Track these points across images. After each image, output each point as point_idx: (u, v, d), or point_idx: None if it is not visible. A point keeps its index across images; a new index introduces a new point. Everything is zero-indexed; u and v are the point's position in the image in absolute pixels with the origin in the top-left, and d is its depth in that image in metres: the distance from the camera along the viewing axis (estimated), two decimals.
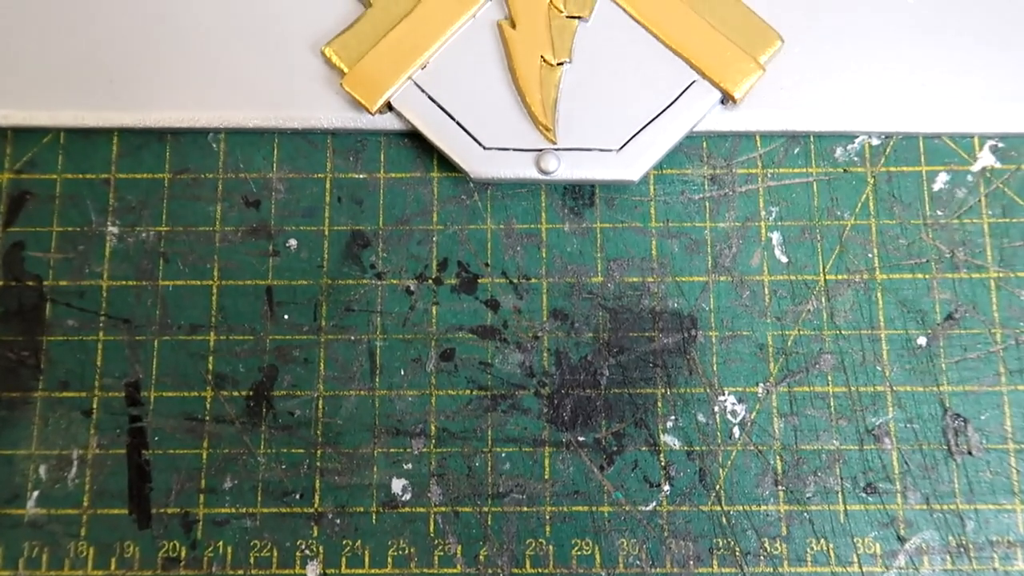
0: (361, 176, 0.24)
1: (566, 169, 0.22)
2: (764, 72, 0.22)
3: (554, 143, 0.22)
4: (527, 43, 0.22)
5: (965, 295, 0.23)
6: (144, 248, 0.23)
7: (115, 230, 0.23)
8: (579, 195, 0.23)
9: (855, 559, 0.21)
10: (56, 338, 0.23)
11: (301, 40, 0.23)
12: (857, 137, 0.23)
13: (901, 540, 0.21)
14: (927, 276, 0.23)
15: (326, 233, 0.23)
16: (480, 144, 0.22)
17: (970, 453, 0.22)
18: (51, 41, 0.23)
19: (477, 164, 0.22)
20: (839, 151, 0.23)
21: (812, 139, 0.23)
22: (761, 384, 0.22)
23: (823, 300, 0.23)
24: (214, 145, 0.24)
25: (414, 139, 0.23)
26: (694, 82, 0.22)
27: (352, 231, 0.23)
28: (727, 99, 0.22)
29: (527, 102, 0.22)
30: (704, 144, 0.23)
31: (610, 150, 0.22)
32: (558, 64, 0.22)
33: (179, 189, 0.23)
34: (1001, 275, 0.23)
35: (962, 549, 0.21)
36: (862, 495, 0.22)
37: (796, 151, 0.23)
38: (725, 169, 0.23)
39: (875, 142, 0.23)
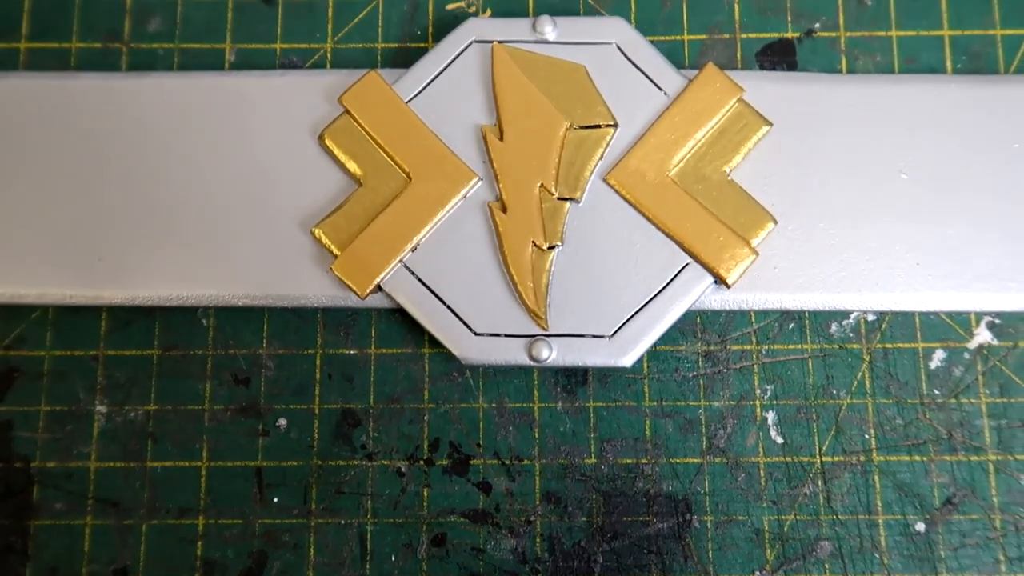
0: (352, 352, 0.23)
1: (558, 356, 0.22)
2: (757, 256, 0.22)
3: (546, 329, 0.22)
4: (518, 227, 0.22)
5: (963, 479, 0.22)
6: (132, 428, 0.23)
7: (103, 409, 0.23)
8: (572, 373, 0.23)
9: None
10: (43, 522, 0.23)
11: (291, 218, 0.23)
12: (852, 313, 0.23)
13: None
14: (924, 458, 0.22)
15: (316, 412, 0.23)
16: (471, 329, 0.22)
17: None
18: (39, 219, 0.23)
19: (468, 349, 0.22)
20: (834, 327, 0.23)
21: (807, 315, 0.23)
22: (757, 572, 0.22)
23: (820, 483, 0.22)
24: (203, 321, 0.23)
25: (405, 314, 0.23)
26: (687, 265, 0.22)
27: (343, 409, 0.23)
28: (719, 281, 0.22)
29: (518, 289, 0.22)
30: (698, 320, 0.23)
31: (603, 336, 0.22)
32: (549, 248, 0.22)
33: (168, 366, 0.23)
34: (1000, 458, 0.22)
35: None
36: None
37: (791, 326, 0.23)
38: (719, 345, 0.23)
39: (871, 318, 0.23)
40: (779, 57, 0.24)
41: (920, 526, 0.22)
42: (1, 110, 0.24)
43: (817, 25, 0.24)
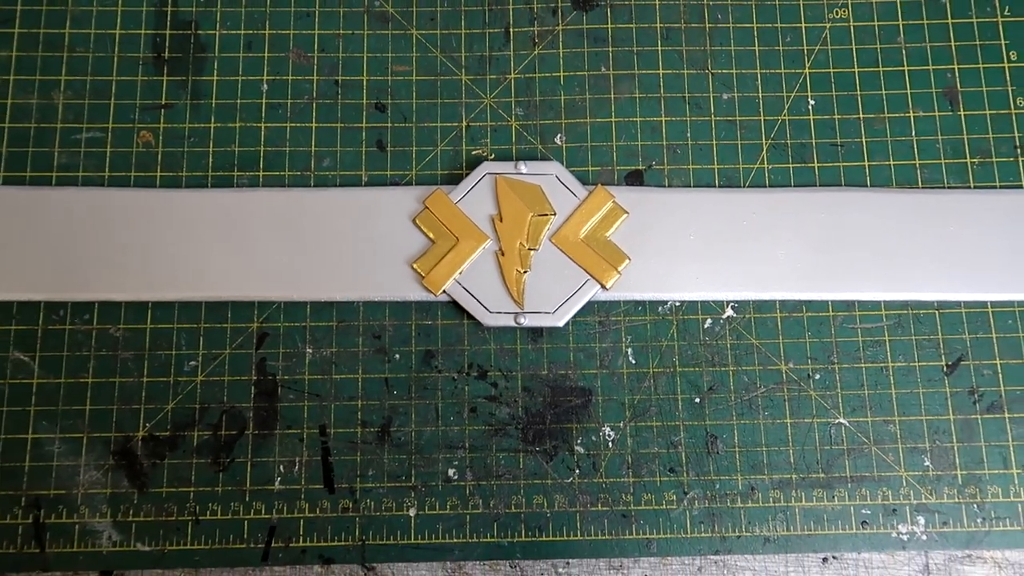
0: (429, 323, 0.48)
1: (528, 322, 0.47)
2: (620, 275, 0.47)
3: (523, 309, 0.47)
4: (510, 262, 0.47)
5: (718, 378, 0.47)
6: (324, 360, 0.47)
7: (310, 350, 0.48)
8: (535, 330, 0.48)
9: (664, 504, 0.46)
10: (284, 404, 0.47)
11: (401, 258, 0.48)
12: (668, 302, 0.48)
13: (685, 494, 0.46)
14: (699, 369, 0.47)
15: (413, 350, 0.48)
16: (487, 309, 0.47)
17: (718, 453, 0.46)
18: (280, 257, 0.47)
19: (486, 319, 0.47)
20: (660, 308, 0.48)
21: (647, 303, 0.48)
22: (622, 422, 0.47)
23: (652, 381, 0.47)
24: (356, 307, 0.48)
25: (456, 304, 0.48)
26: (587, 280, 0.47)
27: (426, 350, 0.48)
28: (603, 287, 0.47)
29: (510, 291, 0.47)
30: (595, 305, 0.48)
31: (549, 312, 0.47)
32: (525, 272, 0.47)
33: (340, 330, 0.48)
34: (735, 369, 0.47)
35: (715, 498, 0.46)
36: (668, 474, 0.46)
37: (639, 308, 0.48)
38: (604, 317, 0.48)
39: (678, 303, 0.48)
40: (635, 179, 0.50)
41: (697, 399, 0.47)
42: (253, 208, 0.49)
43: (654, 162, 0.50)
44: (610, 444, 0.47)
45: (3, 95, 0.50)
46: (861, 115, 0.50)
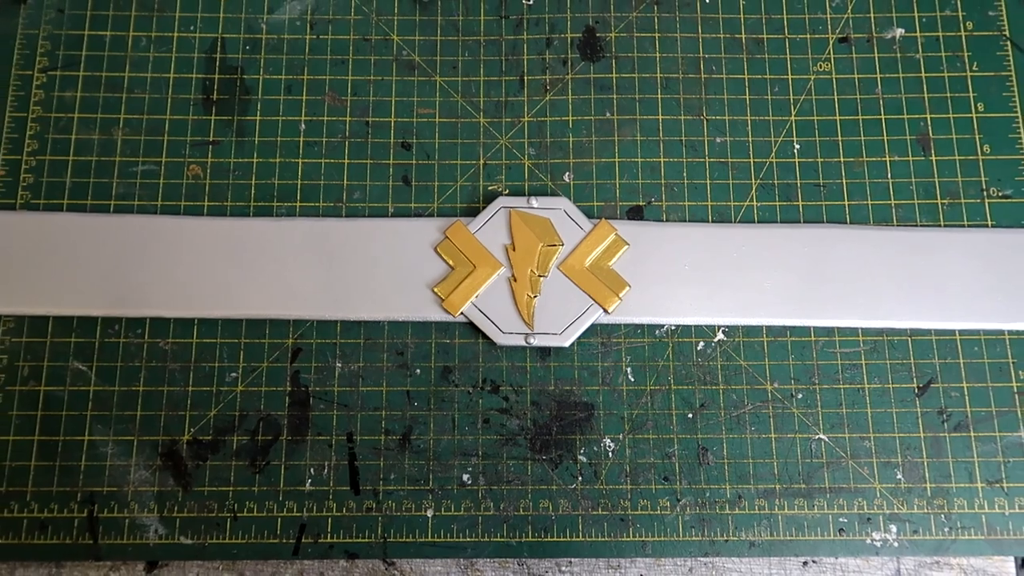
0: (447, 341, 0.53)
1: (537, 342, 0.52)
2: (621, 300, 0.52)
3: (532, 330, 0.52)
4: (521, 287, 0.52)
5: (709, 396, 0.52)
6: (352, 373, 0.52)
7: (339, 364, 0.52)
8: (545, 350, 0.53)
9: (659, 510, 0.50)
10: (315, 413, 0.52)
11: (423, 282, 0.53)
12: (665, 325, 0.53)
13: (677, 500, 0.50)
14: (692, 387, 0.52)
15: (432, 366, 0.53)
16: (500, 330, 0.52)
17: (709, 464, 0.51)
18: (312, 278, 0.53)
19: (499, 339, 0.52)
20: (658, 331, 0.53)
21: (645, 326, 0.53)
22: (621, 434, 0.51)
23: (649, 398, 0.52)
24: (381, 326, 0.53)
25: (472, 325, 0.53)
26: (591, 305, 0.52)
27: (444, 366, 0.53)
28: (605, 311, 0.52)
29: (521, 314, 0.52)
30: (598, 327, 0.53)
31: (556, 333, 0.52)
32: (534, 297, 0.52)
33: (367, 346, 0.53)
34: (725, 388, 0.52)
35: (705, 504, 0.50)
36: (663, 482, 0.51)
37: (638, 331, 0.53)
38: (606, 338, 0.53)
39: (673, 327, 0.53)
40: (635, 213, 0.55)
41: (690, 415, 0.52)
42: (291, 236, 0.54)
43: (653, 199, 0.55)
44: (610, 454, 0.51)
45: (68, 131, 0.55)
46: (842, 159, 0.55)
